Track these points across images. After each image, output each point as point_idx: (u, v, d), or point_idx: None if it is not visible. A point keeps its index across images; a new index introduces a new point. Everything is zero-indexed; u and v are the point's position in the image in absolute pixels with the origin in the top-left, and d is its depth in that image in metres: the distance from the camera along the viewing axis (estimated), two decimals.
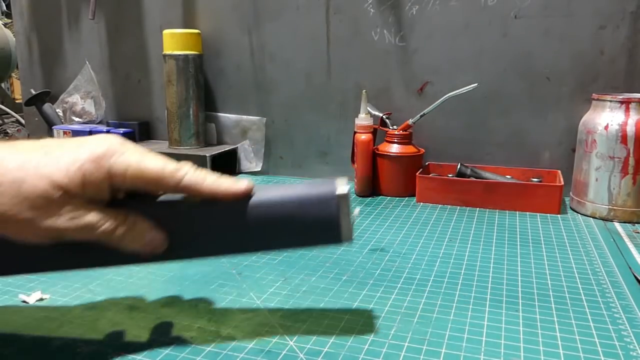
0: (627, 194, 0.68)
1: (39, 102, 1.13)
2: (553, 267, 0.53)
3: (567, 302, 0.45)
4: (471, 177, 0.79)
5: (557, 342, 0.39)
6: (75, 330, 0.40)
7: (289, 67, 0.95)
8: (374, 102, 0.88)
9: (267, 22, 0.94)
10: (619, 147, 0.68)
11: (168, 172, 0.35)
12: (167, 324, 0.41)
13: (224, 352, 0.37)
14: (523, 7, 0.80)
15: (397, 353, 0.37)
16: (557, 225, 0.68)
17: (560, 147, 0.82)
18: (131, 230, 0.36)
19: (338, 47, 0.91)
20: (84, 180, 0.34)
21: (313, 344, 0.38)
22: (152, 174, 0.35)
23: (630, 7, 0.75)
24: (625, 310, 0.44)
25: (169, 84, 0.97)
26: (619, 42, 0.76)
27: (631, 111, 0.68)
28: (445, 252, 0.58)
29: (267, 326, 0.41)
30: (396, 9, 0.86)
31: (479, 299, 0.46)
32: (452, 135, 0.87)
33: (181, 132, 0.98)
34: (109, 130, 1.05)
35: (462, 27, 0.83)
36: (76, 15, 1.10)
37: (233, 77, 0.99)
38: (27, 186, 0.33)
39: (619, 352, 0.37)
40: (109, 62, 1.09)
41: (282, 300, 0.45)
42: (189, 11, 1.00)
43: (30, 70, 1.18)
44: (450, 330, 0.40)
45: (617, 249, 0.59)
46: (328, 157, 0.95)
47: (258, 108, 0.99)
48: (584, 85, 0.79)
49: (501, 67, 0.83)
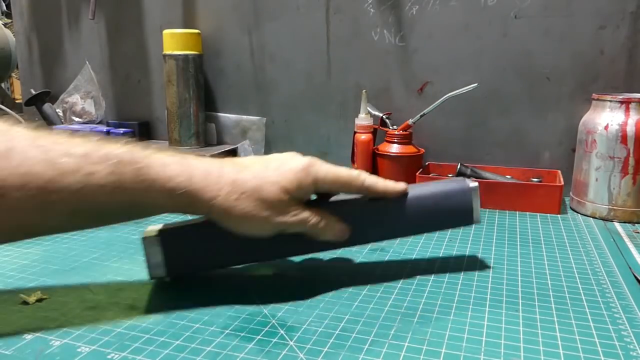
0: (627, 194, 0.68)
1: (39, 102, 1.13)
2: (553, 267, 0.53)
3: (567, 302, 0.45)
4: (471, 177, 0.79)
5: (557, 342, 0.39)
6: (75, 330, 0.40)
7: (289, 67, 0.95)
8: (374, 102, 0.88)
9: (267, 22, 0.95)
10: (619, 147, 0.68)
11: (354, 176, 0.47)
12: (167, 324, 0.41)
13: (224, 352, 0.37)
14: (523, 7, 0.80)
15: (397, 353, 0.37)
16: (557, 225, 0.68)
17: (560, 147, 0.82)
18: (327, 223, 0.46)
19: (338, 47, 0.91)
20: (299, 185, 0.44)
21: (313, 344, 0.38)
22: (345, 178, 0.46)
23: (630, 7, 0.75)
24: (625, 310, 0.44)
25: (169, 84, 0.97)
26: (619, 42, 0.76)
27: (631, 111, 0.68)
28: (445, 252, 0.58)
29: (267, 326, 0.41)
30: (396, 9, 0.86)
31: (479, 299, 0.46)
32: (452, 135, 0.87)
33: (181, 132, 0.98)
34: (108, 130, 1.05)
35: (462, 27, 0.83)
36: (76, 15, 1.10)
37: (233, 77, 0.99)
38: (265, 192, 0.43)
39: (619, 352, 0.37)
40: (109, 62, 1.09)
41: (282, 300, 0.45)
42: (189, 11, 1.00)
43: (30, 70, 1.18)
44: (450, 330, 0.40)
45: (617, 249, 0.59)
46: (328, 157, 0.94)
47: (258, 108, 0.99)
48: (584, 85, 0.79)
49: (501, 67, 0.83)
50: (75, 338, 0.39)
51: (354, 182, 0.47)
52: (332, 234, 0.47)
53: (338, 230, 0.47)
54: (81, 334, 0.39)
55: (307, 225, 0.45)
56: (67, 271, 0.51)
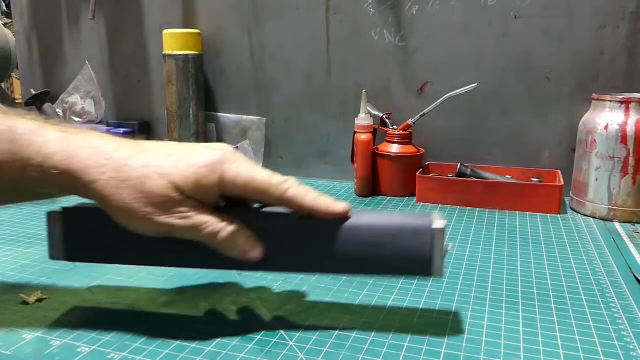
0: (627, 194, 0.68)
1: (39, 102, 1.13)
2: (553, 267, 0.53)
3: (567, 302, 0.45)
4: (471, 177, 0.79)
5: (557, 342, 0.39)
6: (75, 330, 0.40)
7: (289, 67, 0.95)
8: (374, 102, 0.88)
9: (267, 22, 0.94)
10: (619, 147, 0.68)
11: (275, 183, 0.38)
12: (167, 324, 0.41)
13: (224, 352, 0.37)
14: (523, 7, 0.80)
15: (397, 353, 0.37)
16: (557, 225, 0.68)
17: (560, 147, 0.82)
18: (232, 236, 0.38)
19: (338, 47, 0.91)
20: (198, 184, 0.37)
21: (313, 344, 0.38)
22: (260, 183, 0.37)
23: (630, 7, 0.75)
24: (625, 310, 0.44)
25: (169, 84, 0.97)
26: (619, 42, 0.76)
27: (631, 111, 0.68)
28: None
29: (267, 326, 0.41)
30: (396, 9, 0.86)
31: (479, 299, 0.46)
32: (452, 135, 0.87)
33: (181, 132, 0.98)
34: (109, 130, 1.05)
35: (462, 27, 0.83)
36: (76, 15, 1.10)
37: (233, 77, 0.99)
38: (149, 184, 0.36)
39: (619, 352, 0.37)
40: (109, 62, 1.09)
41: (282, 300, 0.45)
42: (189, 11, 1.00)
43: (30, 70, 1.18)
44: (450, 330, 0.40)
45: (617, 249, 0.59)
46: (328, 157, 0.95)
47: (258, 108, 0.99)
48: (584, 85, 0.79)
49: (501, 67, 0.83)
50: (75, 338, 0.39)
51: (271, 190, 0.37)
52: (238, 250, 0.38)
53: (247, 248, 0.38)
54: (81, 334, 0.39)
55: (200, 234, 0.37)
56: (67, 271, 0.51)
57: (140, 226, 0.37)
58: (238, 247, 0.38)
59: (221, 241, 0.38)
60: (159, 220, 0.36)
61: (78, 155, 0.36)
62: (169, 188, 0.36)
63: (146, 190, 0.36)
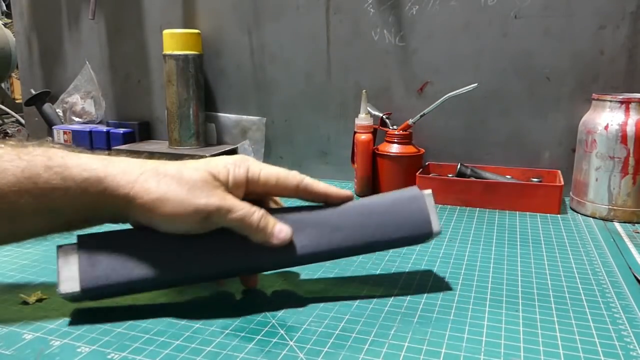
0: (627, 194, 0.68)
1: (39, 102, 1.13)
2: (553, 267, 0.53)
3: (567, 302, 0.45)
4: (471, 177, 0.79)
5: (557, 342, 0.39)
6: (75, 330, 0.40)
7: (289, 67, 0.95)
8: (374, 102, 0.88)
9: (267, 22, 0.95)
10: (619, 147, 0.68)
11: (292, 174, 0.44)
12: (167, 324, 0.41)
13: (224, 352, 0.37)
14: (523, 7, 0.80)
15: (397, 353, 0.37)
16: (557, 225, 0.68)
17: (560, 147, 0.82)
18: (264, 219, 0.42)
19: (338, 47, 0.91)
20: (230, 175, 0.42)
21: (313, 344, 0.38)
22: (281, 175, 0.44)
23: (630, 7, 0.75)
24: (625, 310, 0.44)
25: (169, 84, 0.97)
26: (619, 42, 0.76)
27: (631, 111, 0.68)
28: (445, 252, 0.58)
29: (267, 326, 0.41)
30: (396, 9, 0.86)
31: (479, 299, 0.46)
32: (452, 135, 0.87)
33: (181, 132, 0.98)
34: (108, 130, 1.05)
35: (462, 27, 0.83)
36: (76, 15, 1.10)
37: (233, 77, 0.99)
38: (188, 173, 0.40)
39: (619, 352, 0.37)
40: (109, 62, 1.09)
41: (282, 300, 0.45)
42: (189, 11, 1.00)
43: (30, 70, 1.18)
44: (450, 330, 0.40)
45: (617, 249, 0.59)
46: (328, 157, 0.95)
47: (258, 108, 0.99)
48: (584, 85, 0.79)
49: (501, 67, 0.83)
50: (75, 338, 0.39)
51: (289, 180, 0.44)
52: (268, 232, 0.42)
53: (278, 230, 0.42)
54: (81, 334, 0.39)
55: (236, 215, 0.41)
56: None
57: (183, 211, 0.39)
58: (269, 227, 0.42)
59: (253, 223, 0.41)
60: (200, 201, 0.39)
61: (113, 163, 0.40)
62: (206, 174, 0.41)
63: (185, 178, 0.40)
